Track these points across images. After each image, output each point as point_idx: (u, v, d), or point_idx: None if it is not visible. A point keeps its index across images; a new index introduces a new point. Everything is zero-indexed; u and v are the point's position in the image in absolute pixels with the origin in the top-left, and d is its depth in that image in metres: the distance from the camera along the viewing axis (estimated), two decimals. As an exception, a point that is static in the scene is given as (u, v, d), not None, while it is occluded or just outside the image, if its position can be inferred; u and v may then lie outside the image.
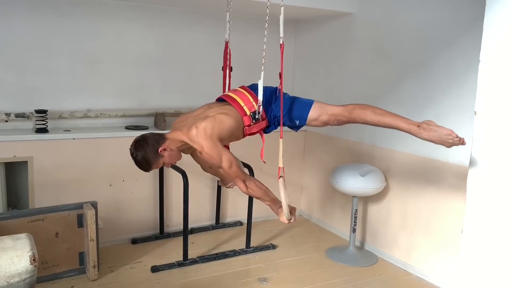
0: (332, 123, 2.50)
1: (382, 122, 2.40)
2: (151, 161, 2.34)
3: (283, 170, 2.34)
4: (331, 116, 2.47)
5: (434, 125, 2.27)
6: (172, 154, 2.38)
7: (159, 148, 2.33)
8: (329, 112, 2.47)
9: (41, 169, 3.37)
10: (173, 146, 2.37)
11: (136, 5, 3.80)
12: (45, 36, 3.53)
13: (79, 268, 3.18)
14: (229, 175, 2.41)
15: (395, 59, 3.50)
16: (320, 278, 3.30)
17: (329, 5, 3.70)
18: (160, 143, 2.34)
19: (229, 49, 2.78)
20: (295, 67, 4.64)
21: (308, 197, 4.56)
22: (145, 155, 2.32)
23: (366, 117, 2.41)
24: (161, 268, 3.31)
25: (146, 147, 2.32)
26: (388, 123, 2.40)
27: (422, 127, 2.29)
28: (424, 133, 2.28)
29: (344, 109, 2.46)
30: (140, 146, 2.33)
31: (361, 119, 2.44)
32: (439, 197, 3.19)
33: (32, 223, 2.96)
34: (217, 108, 2.47)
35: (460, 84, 3.00)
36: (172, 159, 2.41)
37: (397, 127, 2.39)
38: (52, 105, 3.59)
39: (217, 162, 2.35)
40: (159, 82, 4.02)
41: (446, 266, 3.14)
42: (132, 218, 3.79)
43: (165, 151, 2.35)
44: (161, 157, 2.35)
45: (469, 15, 2.92)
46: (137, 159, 2.35)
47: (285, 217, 2.40)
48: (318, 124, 2.53)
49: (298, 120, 2.53)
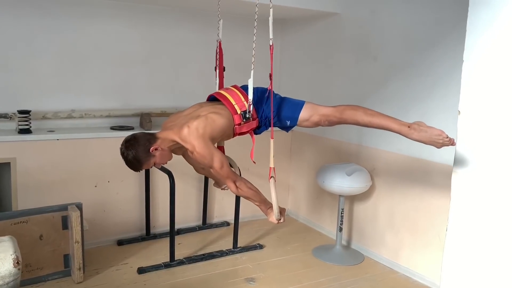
0: (323, 123, 2.51)
1: (373, 122, 2.42)
2: (142, 161, 2.31)
3: (274, 170, 2.33)
4: (322, 117, 2.48)
5: (425, 126, 2.29)
6: (163, 154, 2.35)
7: (150, 148, 2.29)
8: (320, 112, 2.48)
9: (25, 170, 3.32)
10: (164, 145, 2.35)
11: (121, 4, 3.76)
12: (28, 34, 3.48)
13: (64, 271, 3.14)
14: (220, 175, 2.40)
15: (380, 59, 3.53)
16: (307, 277, 3.30)
17: (315, 5, 3.72)
18: (151, 143, 2.31)
19: (221, 48, 2.77)
20: (282, 67, 4.65)
21: (295, 196, 4.57)
22: (136, 155, 2.28)
23: (357, 117, 2.42)
24: (147, 270, 3.28)
25: (137, 147, 2.29)
26: (379, 124, 2.41)
27: (413, 127, 2.30)
28: (414, 133, 2.29)
29: (335, 109, 2.47)
30: (131, 145, 2.30)
31: (352, 119, 2.45)
32: (424, 195, 3.23)
33: (16, 225, 2.91)
34: (209, 107, 2.46)
35: (445, 84, 3.04)
36: (163, 159, 2.38)
37: (387, 128, 2.40)
38: (36, 106, 3.54)
39: (208, 162, 2.33)
40: (144, 81, 3.99)
41: (432, 264, 3.18)
42: (118, 219, 3.75)
43: (157, 151, 2.32)
44: (152, 156, 2.32)
45: (453, 15, 2.95)
46: (128, 159, 2.31)
47: (275, 217, 2.39)
48: (309, 124, 2.54)
49: (289, 120, 2.53)
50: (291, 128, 2.59)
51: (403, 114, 3.34)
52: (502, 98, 1.98)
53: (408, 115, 3.31)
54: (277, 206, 2.35)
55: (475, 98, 2.09)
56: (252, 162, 2.48)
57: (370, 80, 3.62)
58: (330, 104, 2.57)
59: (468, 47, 2.09)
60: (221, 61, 2.77)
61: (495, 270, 2.05)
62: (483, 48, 2.04)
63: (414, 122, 2.34)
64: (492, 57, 2.00)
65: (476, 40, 2.05)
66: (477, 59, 2.07)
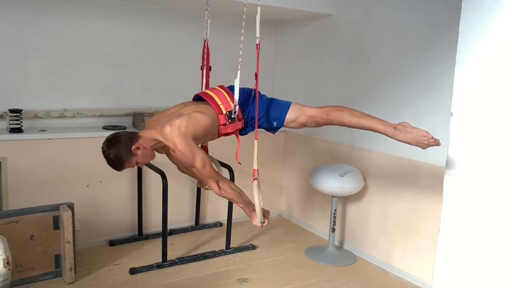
0: (310, 124, 2.51)
1: (358, 124, 2.43)
2: (123, 160, 2.29)
3: (257, 172, 2.32)
4: (309, 118, 2.48)
5: (410, 127, 2.30)
6: (145, 153, 2.33)
7: (132, 147, 2.28)
8: (307, 113, 2.49)
9: (16, 170, 3.29)
10: (146, 144, 2.32)
11: (114, 3, 3.74)
12: (20, 33, 3.45)
13: (55, 271, 3.12)
14: (202, 175, 2.37)
15: (373, 61, 3.54)
16: (299, 278, 3.31)
17: (309, 6, 3.72)
18: (133, 142, 2.29)
19: (208, 48, 2.77)
20: (275, 68, 4.65)
21: (288, 197, 4.57)
22: (117, 154, 2.27)
23: (343, 119, 2.43)
24: (139, 270, 3.27)
25: (118, 145, 2.27)
26: (365, 125, 2.42)
27: (398, 128, 2.31)
28: (400, 134, 2.31)
29: (321, 111, 2.48)
30: (112, 144, 2.28)
31: (338, 121, 2.46)
32: (417, 196, 3.24)
33: (6, 226, 2.89)
34: (193, 107, 2.45)
35: (437, 86, 3.05)
36: (145, 158, 2.36)
37: (373, 129, 2.42)
38: (27, 105, 3.51)
39: (190, 161, 2.31)
40: (137, 81, 3.97)
41: (424, 264, 3.19)
42: (110, 220, 3.73)
43: (138, 150, 2.30)
44: (134, 155, 2.30)
45: (446, 18, 2.97)
46: (109, 158, 2.29)
47: (258, 220, 2.36)
48: (295, 125, 2.54)
49: (275, 121, 2.52)
50: (278, 129, 2.59)
51: (395, 116, 3.36)
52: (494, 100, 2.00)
53: (400, 116, 3.33)
54: (261, 208, 2.33)
55: (468, 99, 2.11)
56: (238, 163, 2.47)
57: (363, 81, 3.63)
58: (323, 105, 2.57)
59: (460, 49, 2.11)
60: (207, 61, 2.75)
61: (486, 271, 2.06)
62: (475, 50, 2.05)
63: (400, 123, 2.35)
64: (484, 59, 2.02)
65: (468, 42, 2.07)
66: (469, 61, 2.08)
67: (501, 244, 2.00)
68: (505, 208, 1.99)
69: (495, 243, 2.02)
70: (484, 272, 2.07)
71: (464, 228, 2.14)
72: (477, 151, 2.08)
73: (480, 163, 2.07)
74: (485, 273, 2.06)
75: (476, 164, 2.09)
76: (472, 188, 2.11)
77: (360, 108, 3.67)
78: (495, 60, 1.98)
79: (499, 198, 2.01)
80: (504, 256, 1.99)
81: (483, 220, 2.07)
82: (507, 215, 1.98)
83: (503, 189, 1.99)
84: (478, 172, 2.08)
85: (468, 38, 2.07)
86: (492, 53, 1.99)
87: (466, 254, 2.14)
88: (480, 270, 2.08)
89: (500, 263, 2.01)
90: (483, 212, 2.06)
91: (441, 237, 2.24)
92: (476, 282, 2.09)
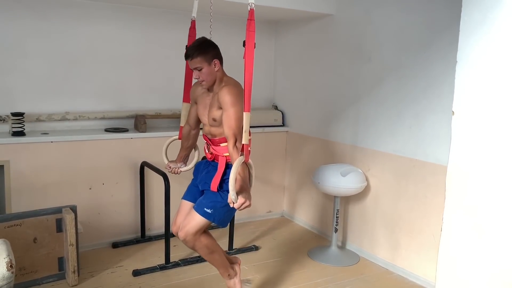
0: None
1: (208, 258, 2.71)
2: (207, 52, 2.47)
3: (247, 148, 2.23)
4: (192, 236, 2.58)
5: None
6: (212, 71, 2.49)
7: (216, 61, 2.49)
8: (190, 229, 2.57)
9: (18, 173, 3.30)
10: (220, 71, 2.54)
11: (115, 6, 3.75)
12: (21, 37, 3.46)
13: (59, 274, 3.12)
14: (230, 125, 2.39)
15: (374, 60, 3.54)
16: (302, 278, 3.30)
17: (309, 6, 3.72)
18: (220, 61, 2.54)
19: (194, 28, 2.84)
20: (276, 68, 4.66)
21: (290, 197, 4.57)
22: (211, 44, 2.53)
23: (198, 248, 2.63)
24: (142, 272, 3.27)
25: (215, 46, 2.54)
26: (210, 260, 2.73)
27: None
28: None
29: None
30: (212, 42, 2.55)
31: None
32: (419, 196, 3.24)
33: (9, 229, 2.90)
34: None
35: (438, 84, 3.05)
36: (207, 76, 2.49)
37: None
38: (29, 108, 3.52)
39: (230, 106, 2.40)
40: (138, 83, 3.98)
41: (427, 264, 3.19)
42: (112, 222, 3.73)
43: (215, 66, 2.49)
44: (210, 63, 2.48)
45: (446, 16, 2.97)
46: (206, 40, 2.54)
47: (231, 197, 2.20)
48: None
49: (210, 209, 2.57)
50: None
51: (396, 115, 3.37)
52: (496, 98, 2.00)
53: (401, 116, 3.33)
54: (233, 186, 2.16)
55: (469, 98, 2.10)
56: None
57: (364, 80, 3.63)
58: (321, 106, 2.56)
59: (461, 48, 2.11)
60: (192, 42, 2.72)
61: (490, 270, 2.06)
62: (477, 48, 2.05)
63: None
64: (485, 57, 2.02)
65: (469, 41, 2.07)
66: (470, 59, 2.08)
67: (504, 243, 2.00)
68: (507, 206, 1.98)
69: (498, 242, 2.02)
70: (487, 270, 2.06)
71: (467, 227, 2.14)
72: (479, 149, 2.08)
73: (482, 162, 2.07)
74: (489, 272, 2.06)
75: (478, 162, 2.08)
76: (475, 187, 2.11)
77: (361, 107, 3.69)
78: (496, 58, 1.97)
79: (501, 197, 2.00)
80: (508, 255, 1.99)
81: (486, 218, 2.06)
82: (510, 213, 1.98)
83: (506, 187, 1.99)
84: (480, 171, 2.08)
85: (469, 37, 2.07)
86: (493, 51, 1.98)
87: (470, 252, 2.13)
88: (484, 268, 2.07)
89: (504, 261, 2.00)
90: (486, 211, 2.06)
91: (444, 236, 2.24)
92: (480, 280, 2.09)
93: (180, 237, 2.57)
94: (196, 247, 2.60)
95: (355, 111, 3.71)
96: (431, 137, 3.11)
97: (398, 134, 3.36)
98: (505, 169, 1.98)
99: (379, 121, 3.50)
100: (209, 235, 2.66)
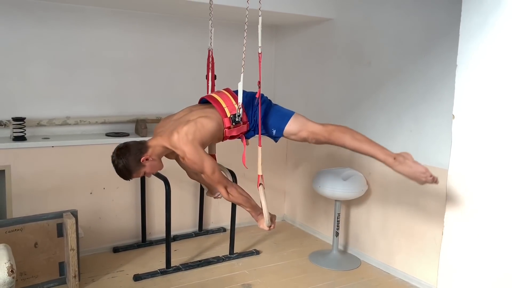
0: (311, 141, 2.50)
1: (359, 149, 2.43)
2: (132, 170, 2.32)
3: (262, 177, 2.35)
4: (311, 134, 2.46)
5: (410, 160, 2.28)
6: (153, 164, 2.37)
7: (141, 158, 2.30)
8: (309, 129, 2.46)
9: (19, 178, 3.30)
10: (155, 154, 2.36)
11: (115, 11, 3.77)
12: (22, 42, 3.47)
13: (59, 279, 3.12)
14: (211, 181, 2.40)
15: (374, 64, 3.55)
16: (304, 282, 3.30)
17: (309, 11, 3.74)
18: (142, 153, 2.31)
19: (212, 57, 2.78)
20: (276, 72, 4.67)
21: (291, 202, 4.56)
22: (126, 164, 2.30)
23: (345, 141, 2.42)
24: (143, 277, 3.27)
25: (128, 156, 2.29)
26: (366, 151, 2.42)
27: (398, 160, 2.30)
28: (399, 166, 2.31)
29: (324, 129, 2.45)
30: (122, 154, 2.31)
31: (339, 142, 2.44)
32: (420, 199, 3.23)
33: (10, 233, 2.90)
34: (198, 111, 2.46)
35: (438, 88, 3.05)
36: (153, 169, 2.40)
37: (373, 156, 2.42)
38: (30, 113, 3.53)
39: (199, 167, 2.34)
40: (139, 88, 3.99)
41: (428, 268, 3.18)
42: (113, 226, 3.73)
43: (147, 161, 2.33)
44: (142, 166, 2.33)
45: (446, 21, 2.98)
46: (118, 167, 2.32)
47: (266, 224, 2.43)
48: (296, 138, 2.52)
49: (274, 130, 2.51)
50: (278, 138, 2.57)
51: (396, 118, 3.37)
52: (496, 101, 2.00)
53: (401, 120, 3.34)
54: (268, 212, 2.39)
55: (469, 102, 2.11)
56: (245, 167, 2.48)
57: (364, 85, 3.63)
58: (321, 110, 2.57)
59: (461, 52, 2.11)
60: (212, 70, 2.78)
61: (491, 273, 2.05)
62: (476, 52, 2.06)
63: (401, 153, 2.33)
64: (485, 61, 2.02)
65: (469, 45, 2.07)
66: (470, 63, 2.09)
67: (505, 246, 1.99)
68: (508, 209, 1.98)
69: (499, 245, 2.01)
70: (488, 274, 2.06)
71: (468, 230, 2.14)
72: (479, 153, 2.08)
73: (483, 165, 2.07)
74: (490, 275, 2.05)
75: (479, 166, 2.09)
76: (475, 190, 2.11)
77: (361, 112, 3.69)
78: (496, 61, 1.98)
79: (502, 200, 2.00)
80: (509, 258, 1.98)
81: (486, 222, 2.06)
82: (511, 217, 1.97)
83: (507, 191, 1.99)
84: (480, 174, 2.08)
85: (468, 41, 2.08)
86: (493, 54, 1.99)
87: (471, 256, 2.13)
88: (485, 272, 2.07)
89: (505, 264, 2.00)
90: (487, 214, 2.06)
91: (445, 240, 2.24)
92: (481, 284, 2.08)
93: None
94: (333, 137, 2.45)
95: (355, 115, 3.71)
96: (432, 140, 3.11)
97: (398, 138, 3.36)
98: (506, 173, 1.98)
99: (379, 125, 3.50)
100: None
